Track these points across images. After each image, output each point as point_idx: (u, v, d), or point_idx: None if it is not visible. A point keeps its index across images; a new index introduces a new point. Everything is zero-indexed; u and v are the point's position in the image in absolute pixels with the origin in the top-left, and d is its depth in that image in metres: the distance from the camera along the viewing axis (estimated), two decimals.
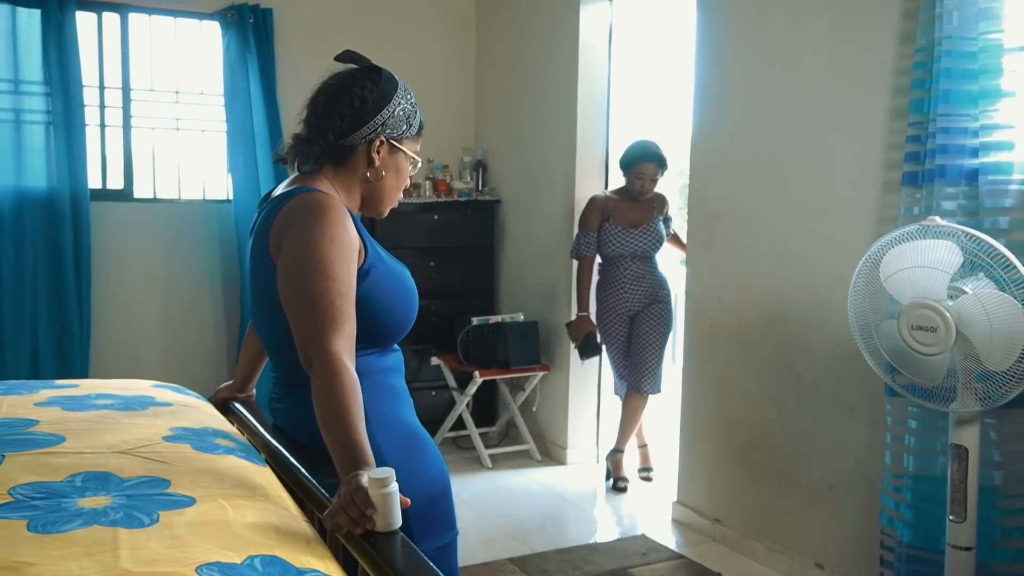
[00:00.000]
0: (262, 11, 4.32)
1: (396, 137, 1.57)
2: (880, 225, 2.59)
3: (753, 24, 3.04)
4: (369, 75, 1.56)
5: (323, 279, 1.37)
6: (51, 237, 3.97)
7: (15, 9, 3.88)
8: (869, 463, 2.65)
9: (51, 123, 3.98)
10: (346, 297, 1.39)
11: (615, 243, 3.81)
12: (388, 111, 1.55)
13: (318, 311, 1.36)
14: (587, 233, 3.85)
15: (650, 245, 3.83)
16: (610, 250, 3.82)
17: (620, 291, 3.84)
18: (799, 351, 2.89)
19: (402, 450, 1.51)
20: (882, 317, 2.17)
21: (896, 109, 2.53)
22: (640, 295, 3.85)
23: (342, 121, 1.52)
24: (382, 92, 1.54)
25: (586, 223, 3.87)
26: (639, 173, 3.78)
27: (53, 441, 1.37)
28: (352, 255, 1.44)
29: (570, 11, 4.06)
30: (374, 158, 1.56)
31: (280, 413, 1.65)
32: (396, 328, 1.56)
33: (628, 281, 3.83)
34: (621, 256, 3.82)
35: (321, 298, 1.36)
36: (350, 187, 1.58)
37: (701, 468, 3.36)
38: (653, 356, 3.85)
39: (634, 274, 3.84)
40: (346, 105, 1.52)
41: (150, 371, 4.23)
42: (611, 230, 3.81)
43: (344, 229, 1.44)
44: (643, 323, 3.86)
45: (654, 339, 3.86)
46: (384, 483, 1.16)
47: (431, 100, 4.79)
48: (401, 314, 1.56)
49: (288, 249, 1.42)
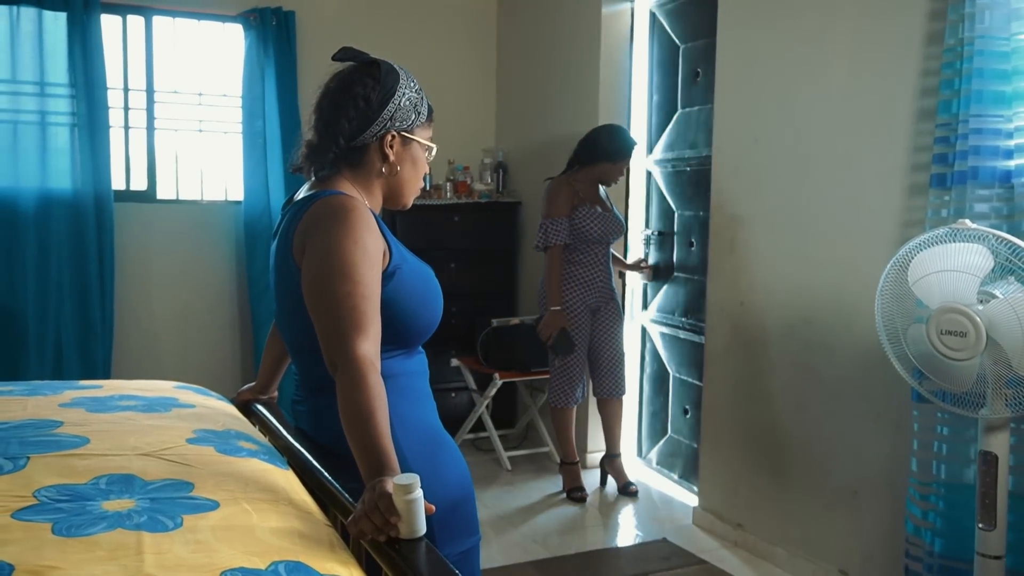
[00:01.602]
0: (284, 13, 4.33)
1: (407, 128, 1.56)
2: (906, 228, 2.55)
3: (777, 26, 3.01)
4: (369, 71, 1.54)
5: (348, 282, 1.36)
6: (75, 238, 4.00)
7: (41, 12, 3.91)
8: (894, 470, 2.61)
9: (76, 125, 4.01)
10: (371, 300, 1.38)
11: (594, 226, 3.62)
12: (394, 104, 1.53)
13: (343, 314, 1.35)
14: (556, 220, 3.61)
15: (618, 230, 3.73)
16: (589, 234, 3.62)
17: (588, 280, 3.67)
18: (823, 355, 2.86)
19: (425, 454, 1.50)
20: (910, 321, 2.13)
21: (923, 110, 2.50)
22: (604, 285, 3.71)
23: (350, 124, 1.51)
24: (384, 87, 1.53)
25: (556, 209, 3.62)
26: (624, 165, 3.71)
27: (77, 443, 1.37)
28: (377, 257, 1.43)
29: (591, 12, 4.05)
30: (388, 153, 1.55)
31: (303, 416, 1.65)
32: (422, 330, 1.55)
33: (597, 268, 3.67)
34: (596, 241, 3.64)
35: (346, 301, 1.35)
36: (369, 186, 1.57)
37: (723, 472, 3.33)
38: (622, 355, 3.79)
39: (602, 261, 3.69)
40: (351, 107, 1.51)
41: (171, 371, 4.25)
42: (589, 213, 3.62)
43: (369, 231, 1.43)
44: (607, 319, 3.74)
45: (620, 336, 3.79)
46: (409, 489, 1.15)
47: (451, 101, 4.82)
48: (427, 315, 1.55)
49: (313, 252, 1.42)
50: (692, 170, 3.72)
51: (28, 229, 3.92)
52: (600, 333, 3.74)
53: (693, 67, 3.73)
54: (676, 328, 3.86)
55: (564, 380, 3.71)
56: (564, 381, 3.72)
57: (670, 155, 3.87)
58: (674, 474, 3.92)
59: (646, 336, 4.13)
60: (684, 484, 3.83)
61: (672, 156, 3.86)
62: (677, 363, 3.88)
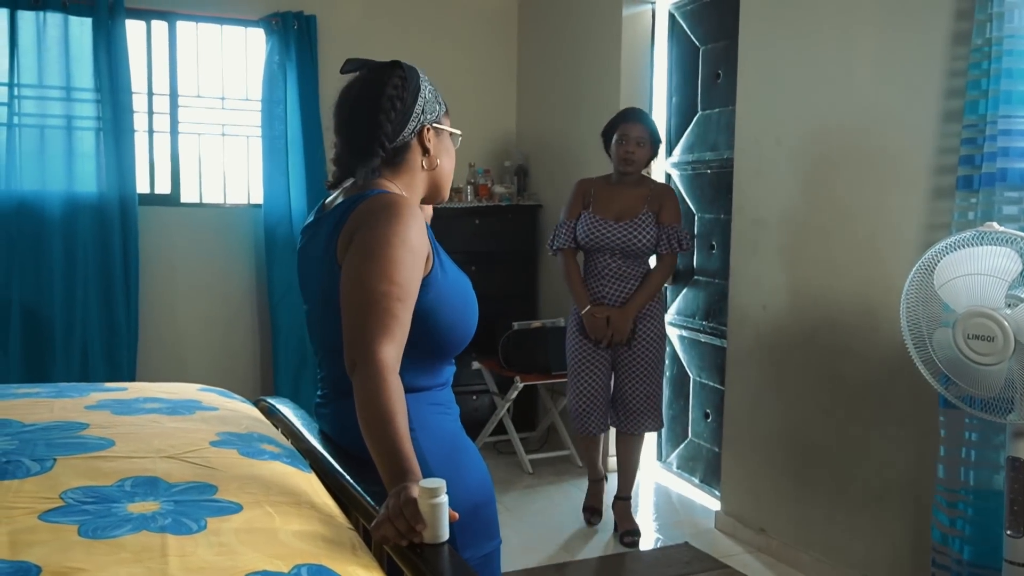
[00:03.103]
0: (306, 18, 4.36)
1: (437, 120, 1.60)
2: (932, 231, 2.53)
3: (800, 26, 2.99)
4: (391, 72, 1.55)
5: (386, 281, 1.36)
6: (100, 241, 4.05)
7: (67, 18, 3.96)
8: (920, 475, 2.58)
9: (101, 129, 4.05)
10: (405, 303, 1.38)
11: (588, 234, 3.27)
12: (423, 98, 1.56)
13: (375, 314, 1.34)
14: (565, 222, 3.37)
15: (632, 241, 3.22)
16: (584, 241, 3.29)
17: (593, 288, 3.31)
18: (847, 359, 2.83)
19: (446, 458, 1.50)
20: (936, 326, 2.11)
21: (949, 111, 2.47)
22: (617, 295, 3.28)
23: (392, 125, 1.52)
24: (411, 84, 1.55)
25: (567, 210, 3.39)
26: (623, 136, 3.25)
27: (103, 445, 1.38)
28: (420, 261, 1.43)
29: (612, 15, 4.04)
30: (428, 147, 1.58)
31: (325, 418, 1.65)
32: (457, 342, 1.55)
33: (606, 278, 3.28)
34: (598, 250, 3.28)
35: (381, 300, 1.35)
36: (412, 184, 1.59)
37: (745, 477, 3.31)
38: (647, 389, 3.32)
39: (614, 272, 3.27)
40: (390, 109, 1.52)
41: (194, 372, 4.29)
42: (587, 219, 3.28)
43: (418, 232, 1.43)
44: (631, 346, 3.30)
45: (643, 369, 3.31)
46: (434, 493, 1.15)
47: (473, 104, 4.83)
48: (462, 327, 1.55)
49: (357, 248, 1.41)
50: (713, 172, 3.70)
51: (54, 232, 3.96)
52: (619, 363, 3.36)
53: (713, 69, 3.71)
54: (697, 331, 3.83)
55: (577, 405, 3.39)
56: (577, 406, 3.39)
57: (690, 157, 3.86)
58: (695, 478, 3.90)
59: (666, 339, 4.10)
60: (705, 488, 3.81)
61: (692, 158, 3.84)
62: (698, 367, 3.86)
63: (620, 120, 3.30)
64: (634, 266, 3.29)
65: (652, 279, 3.30)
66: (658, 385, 3.39)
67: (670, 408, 4.08)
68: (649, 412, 3.36)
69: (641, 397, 3.33)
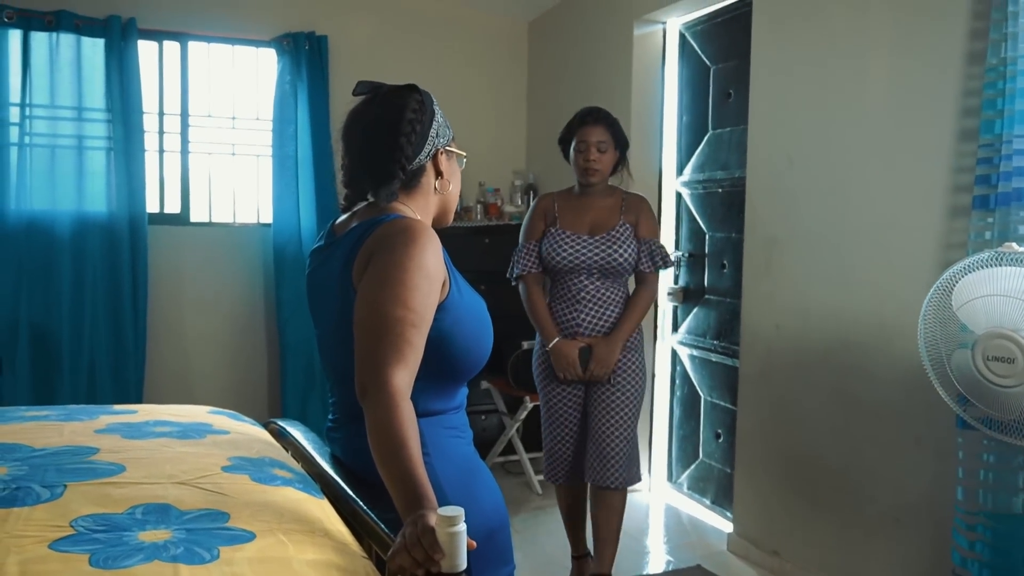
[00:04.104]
0: (317, 38, 4.38)
1: (448, 144, 1.61)
2: (948, 250, 2.50)
3: (813, 45, 2.98)
4: (410, 95, 1.55)
5: (401, 307, 1.35)
6: (110, 260, 4.05)
7: (80, 39, 3.99)
8: (938, 498, 2.54)
9: (112, 149, 4.07)
10: (419, 329, 1.37)
11: (558, 251, 2.81)
12: (436, 122, 1.57)
13: (388, 339, 1.33)
14: (526, 244, 2.92)
15: (612, 257, 2.79)
16: (553, 260, 2.82)
17: (566, 315, 2.85)
18: (861, 379, 2.80)
19: (461, 483, 1.48)
20: (954, 347, 2.08)
21: (965, 130, 2.45)
22: (596, 322, 2.83)
23: (412, 148, 1.52)
24: (428, 107, 1.55)
25: (527, 231, 2.94)
26: (581, 142, 2.82)
27: (114, 471, 1.36)
28: (436, 287, 1.42)
29: (623, 34, 4.04)
30: (442, 170, 1.59)
31: (338, 442, 1.63)
32: (472, 366, 1.54)
33: (582, 303, 2.82)
34: (570, 270, 2.81)
35: (395, 326, 1.34)
36: (425, 206, 1.59)
37: (758, 498, 3.27)
38: (625, 433, 2.84)
39: (591, 295, 2.82)
40: (410, 132, 1.51)
41: (201, 393, 4.28)
42: (554, 235, 2.84)
43: (435, 257, 1.43)
44: (610, 383, 2.84)
45: (625, 406, 2.85)
46: (453, 522, 1.12)
47: (483, 124, 4.84)
48: (478, 352, 1.54)
49: (373, 271, 1.40)
50: (724, 191, 3.68)
51: (64, 252, 3.97)
52: (594, 403, 2.88)
53: (724, 88, 3.70)
54: (708, 351, 3.81)
55: (548, 453, 2.98)
56: (548, 454, 2.98)
57: (701, 176, 3.84)
58: (706, 499, 3.86)
59: (676, 358, 4.08)
60: (717, 509, 3.77)
61: (703, 177, 3.83)
62: (709, 386, 3.83)
63: (577, 123, 2.87)
64: (613, 287, 2.84)
65: (639, 303, 2.85)
66: (634, 428, 2.89)
67: (680, 428, 4.04)
68: (629, 460, 2.87)
69: (620, 441, 2.83)
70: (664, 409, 4.14)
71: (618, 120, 2.89)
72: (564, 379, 2.86)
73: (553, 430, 2.95)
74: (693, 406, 3.95)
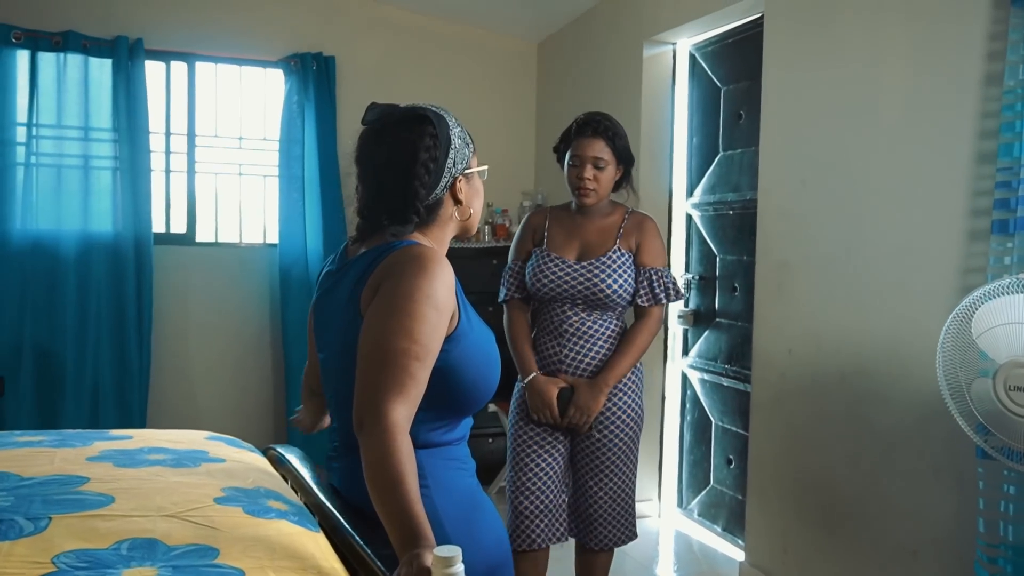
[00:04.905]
0: (325, 59, 4.37)
1: (467, 165, 1.54)
2: (966, 275, 2.44)
3: (826, 65, 2.94)
4: (422, 130, 1.46)
5: (406, 338, 1.30)
6: (115, 280, 4.03)
7: (87, 59, 3.99)
8: (958, 530, 2.46)
9: (118, 169, 4.06)
10: (423, 362, 1.32)
11: (539, 276, 2.47)
12: (453, 149, 1.50)
13: (390, 371, 1.28)
14: (512, 265, 2.60)
15: (596, 286, 2.42)
16: (533, 286, 2.49)
17: (548, 349, 2.51)
18: (877, 406, 2.73)
19: (462, 518, 1.43)
20: (974, 375, 2.02)
21: (982, 153, 2.40)
22: (580, 360, 2.47)
23: (426, 188, 1.46)
24: (444, 139, 1.48)
25: (515, 249, 2.62)
26: (576, 156, 2.48)
27: (101, 502, 1.31)
28: (444, 319, 1.37)
29: (633, 56, 4.02)
30: (460, 199, 1.53)
31: (336, 473, 1.58)
32: (478, 400, 1.49)
33: (564, 337, 2.47)
34: (551, 299, 2.47)
35: (399, 358, 1.29)
36: (442, 236, 1.54)
37: (771, 527, 3.19)
38: (620, 490, 2.50)
39: (575, 329, 2.46)
40: (424, 174, 1.45)
41: (206, 415, 4.24)
42: (539, 258, 2.51)
43: (446, 288, 1.37)
44: (600, 430, 2.49)
45: (619, 459, 2.49)
46: (449, 563, 1.07)
47: (491, 144, 4.80)
48: (484, 386, 1.48)
49: (381, 299, 1.35)
50: (735, 213, 3.63)
51: (68, 272, 3.95)
52: (581, 454, 2.53)
53: (735, 109, 3.66)
54: (719, 375, 3.74)
55: (516, 508, 2.52)
56: (516, 509, 2.52)
57: (711, 198, 3.80)
58: (717, 526, 3.78)
59: (686, 382, 4.01)
60: (728, 537, 3.68)
61: (714, 199, 3.78)
62: (720, 411, 3.76)
63: (574, 134, 2.54)
64: (602, 321, 2.47)
65: (635, 342, 2.48)
66: (632, 482, 2.55)
67: (691, 453, 3.97)
68: (622, 519, 2.53)
69: (610, 504, 2.50)
70: (674, 433, 4.07)
71: (623, 131, 2.56)
72: (541, 421, 2.50)
73: (523, 480, 2.50)
74: (704, 431, 3.88)
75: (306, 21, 4.42)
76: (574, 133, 2.53)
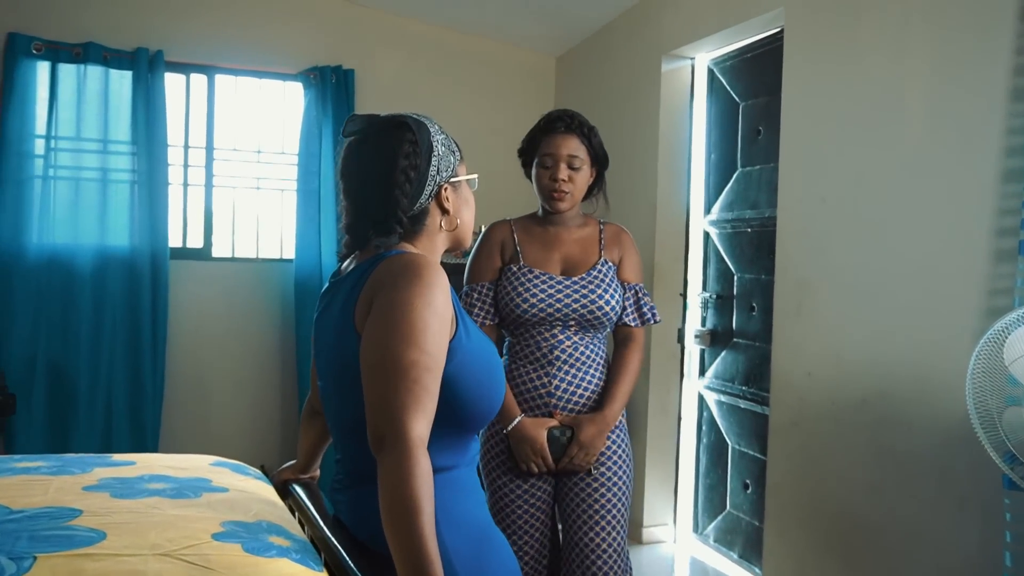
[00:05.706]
0: (344, 72, 4.36)
1: (453, 173, 1.49)
2: (992, 297, 2.36)
3: (847, 80, 2.87)
4: (401, 138, 1.42)
5: (415, 349, 1.25)
6: (130, 295, 4.01)
7: (108, 71, 3.99)
8: (984, 563, 2.38)
9: (136, 182, 4.05)
10: (435, 372, 1.26)
11: (525, 296, 2.16)
12: (436, 156, 1.45)
13: (404, 385, 1.23)
14: (475, 287, 2.25)
15: (593, 304, 2.17)
16: (517, 307, 2.16)
17: (533, 383, 2.19)
18: (899, 432, 2.65)
19: (472, 554, 1.37)
20: (1004, 402, 1.94)
21: (1009, 171, 2.32)
22: (573, 393, 2.19)
23: (408, 199, 1.42)
24: (423, 146, 1.43)
25: (475, 270, 2.28)
26: (547, 155, 2.24)
27: (92, 539, 1.27)
28: (447, 325, 1.32)
29: (651, 71, 3.97)
30: (447, 208, 1.48)
31: (342, 505, 1.52)
32: (483, 415, 1.42)
33: (553, 366, 2.17)
34: (538, 321, 2.16)
35: (410, 371, 1.23)
36: (432, 245, 1.49)
37: (789, 555, 3.11)
38: (614, 534, 2.21)
39: (566, 355, 2.17)
40: (404, 182, 1.41)
41: (219, 434, 4.22)
42: (517, 275, 2.20)
43: (443, 293, 1.32)
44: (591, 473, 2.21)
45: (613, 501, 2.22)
46: None
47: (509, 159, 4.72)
48: (488, 399, 1.42)
49: (379, 312, 1.29)
50: (753, 231, 3.57)
51: (84, 287, 3.93)
52: (570, 499, 2.23)
53: (754, 125, 3.60)
54: (736, 397, 3.66)
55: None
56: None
57: (729, 215, 3.73)
58: (733, 552, 3.69)
59: (703, 404, 3.94)
60: (744, 564, 3.60)
61: (732, 216, 3.71)
62: (736, 434, 3.68)
63: (543, 131, 2.29)
64: (593, 345, 2.22)
65: (629, 368, 2.25)
66: (625, 531, 2.27)
67: (707, 477, 3.89)
68: (617, 567, 2.22)
69: (610, 552, 2.20)
70: (690, 456, 3.99)
71: (596, 129, 2.31)
72: (527, 471, 2.19)
73: (518, 540, 2.23)
74: (720, 454, 3.80)
75: (325, 34, 4.41)
76: (543, 130, 2.29)
